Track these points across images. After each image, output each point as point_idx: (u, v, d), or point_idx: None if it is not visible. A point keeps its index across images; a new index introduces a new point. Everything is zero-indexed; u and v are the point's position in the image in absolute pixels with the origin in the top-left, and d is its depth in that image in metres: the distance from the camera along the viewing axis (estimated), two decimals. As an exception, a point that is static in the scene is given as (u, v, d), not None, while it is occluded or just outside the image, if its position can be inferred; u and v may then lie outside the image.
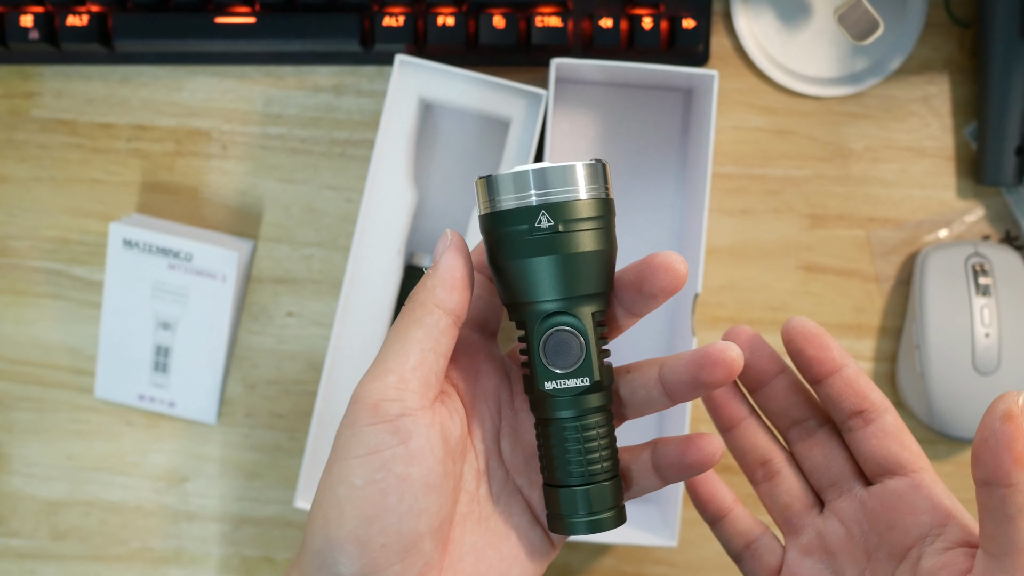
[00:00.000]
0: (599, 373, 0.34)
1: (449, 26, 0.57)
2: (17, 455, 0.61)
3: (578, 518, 0.34)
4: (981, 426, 0.32)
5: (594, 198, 0.34)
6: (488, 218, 0.34)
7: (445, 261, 0.34)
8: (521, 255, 0.33)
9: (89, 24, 0.57)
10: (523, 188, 0.33)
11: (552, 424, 0.34)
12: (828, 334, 0.38)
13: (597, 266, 0.34)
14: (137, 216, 0.60)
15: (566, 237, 0.33)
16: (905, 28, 0.60)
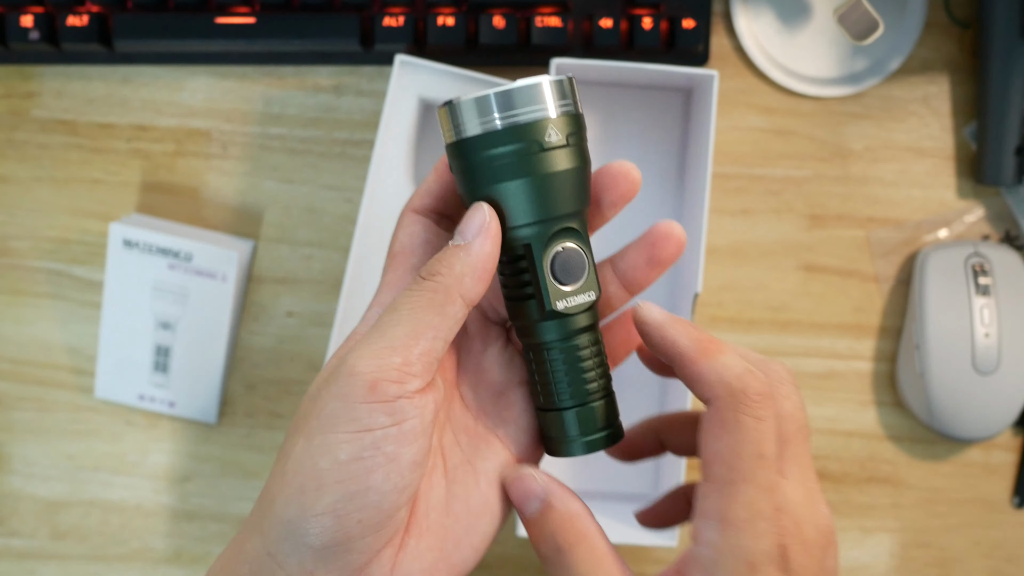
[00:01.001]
0: (599, 286, 0.34)
1: (449, 26, 0.57)
2: (17, 455, 0.61)
3: (591, 435, 0.34)
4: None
5: (574, 114, 0.33)
6: (481, 139, 0.32)
7: (480, 247, 0.32)
8: (527, 173, 0.32)
9: (89, 24, 0.57)
10: (530, 103, 0.32)
11: (559, 346, 0.34)
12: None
13: (585, 180, 0.34)
14: (137, 216, 0.60)
15: (570, 151, 0.33)
16: (905, 28, 0.60)
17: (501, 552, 0.61)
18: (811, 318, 0.61)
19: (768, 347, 0.61)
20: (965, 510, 0.61)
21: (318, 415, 0.31)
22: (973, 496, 0.61)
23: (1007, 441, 0.61)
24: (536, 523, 0.33)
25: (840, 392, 0.61)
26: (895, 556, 0.61)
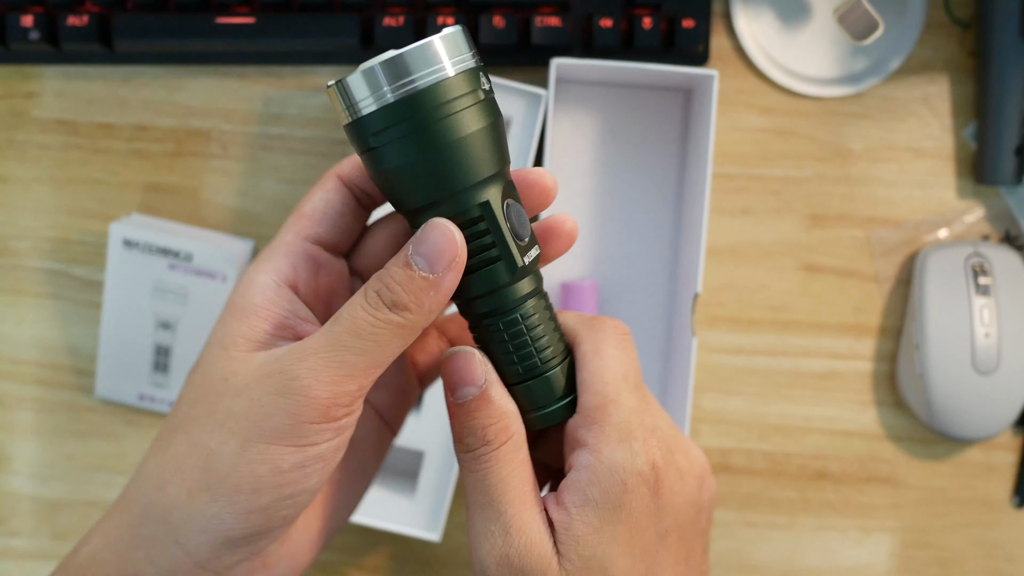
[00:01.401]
0: (522, 259, 0.32)
1: (449, 26, 0.56)
2: (17, 455, 0.61)
3: (549, 407, 0.33)
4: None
5: (475, 67, 0.31)
6: (413, 100, 0.29)
7: (451, 283, 0.30)
8: (470, 128, 0.29)
9: (89, 24, 0.57)
10: (426, 65, 0.29)
11: (534, 304, 0.32)
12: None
13: (503, 133, 0.32)
14: (137, 216, 0.60)
15: (492, 103, 0.31)
16: (905, 28, 0.60)
17: (501, 552, 0.61)
18: (811, 318, 0.61)
19: (768, 347, 0.61)
20: (965, 510, 0.61)
21: (258, 424, 0.29)
22: (973, 496, 0.61)
23: (1007, 441, 0.61)
24: (466, 410, 0.31)
25: (840, 392, 0.61)
26: (895, 556, 0.61)
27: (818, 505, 0.61)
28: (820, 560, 0.61)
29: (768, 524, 0.61)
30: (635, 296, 0.60)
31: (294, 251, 0.33)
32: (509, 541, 0.31)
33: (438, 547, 0.61)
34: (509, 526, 0.31)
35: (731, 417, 0.61)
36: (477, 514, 0.32)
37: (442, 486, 0.55)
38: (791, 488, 0.61)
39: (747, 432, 0.61)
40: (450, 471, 0.55)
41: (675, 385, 0.58)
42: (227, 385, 0.30)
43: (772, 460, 0.61)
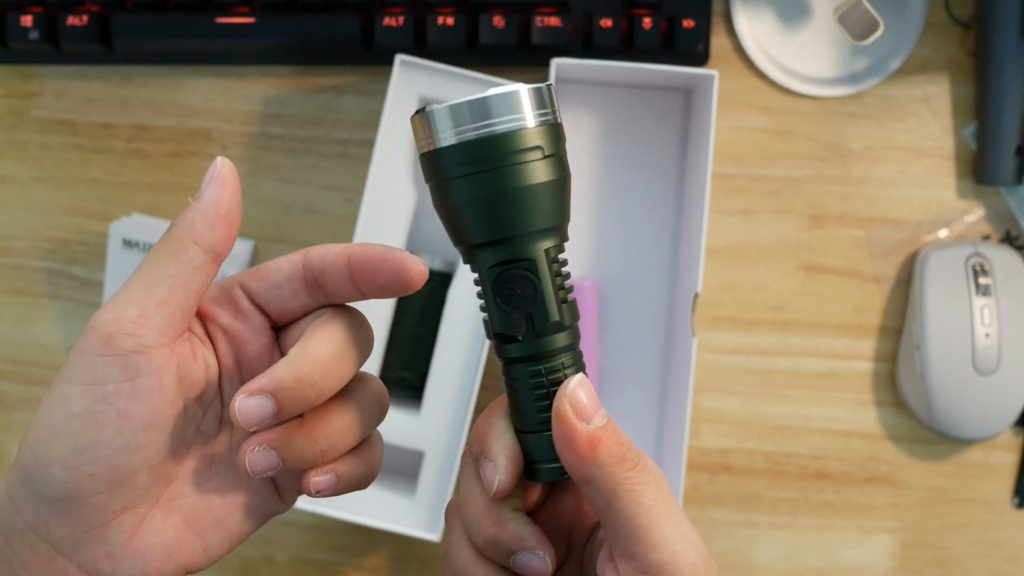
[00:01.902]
0: (558, 312, 0.32)
1: (449, 26, 0.57)
2: (17, 455, 0.61)
3: (547, 464, 0.33)
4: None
5: (553, 124, 0.32)
6: (490, 141, 0.30)
7: (209, 194, 0.32)
8: (537, 179, 0.31)
9: (89, 24, 0.57)
10: (507, 112, 0.30)
11: (554, 359, 0.33)
12: None
13: (565, 193, 0.32)
14: (138, 216, 0.60)
15: (563, 161, 0.32)
16: (905, 28, 0.60)
17: (501, 552, 0.61)
18: (811, 318, 0.61)
19: (768, 347, 0.61)
20: (965, 510, 0.61)
21: (62, 371, 0.31)
22: (973, 496, 0.61)
23: (1007, 441, 0.61)
24: (612, 432, 0.32)
25: (840, 392, 0.61)
26: (895, 556, 0.61)
27: (818, 505, 0.61)
28: (820, 560, 0.61)
29: (768, 524, 0.61)
30: (635, 296, 0.60)
31: (222, 286, 0.34)
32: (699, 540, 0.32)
33: (438, 547, 0.61)
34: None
35: (731, 417, 0.61)
36: (666, 521, 0.31)
37: (442, 486, 0.55)
38: (791, 488, 0.61)
39: (747, 432, 0.61)
40: (450, 471, 0.55)
41: (675, 385, 0.58)
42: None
43: (772, 460, 0.61)
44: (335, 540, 0.61)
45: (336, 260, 0.33)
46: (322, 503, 0.55)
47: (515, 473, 0.33)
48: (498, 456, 0.33)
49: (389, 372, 0.57)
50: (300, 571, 0.61)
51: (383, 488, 0.56)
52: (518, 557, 0.33)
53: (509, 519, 0.33)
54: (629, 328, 0.60)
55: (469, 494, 0.33)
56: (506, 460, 0.33)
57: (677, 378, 0.57)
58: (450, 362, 0.55)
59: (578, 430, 0.31)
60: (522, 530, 0.33)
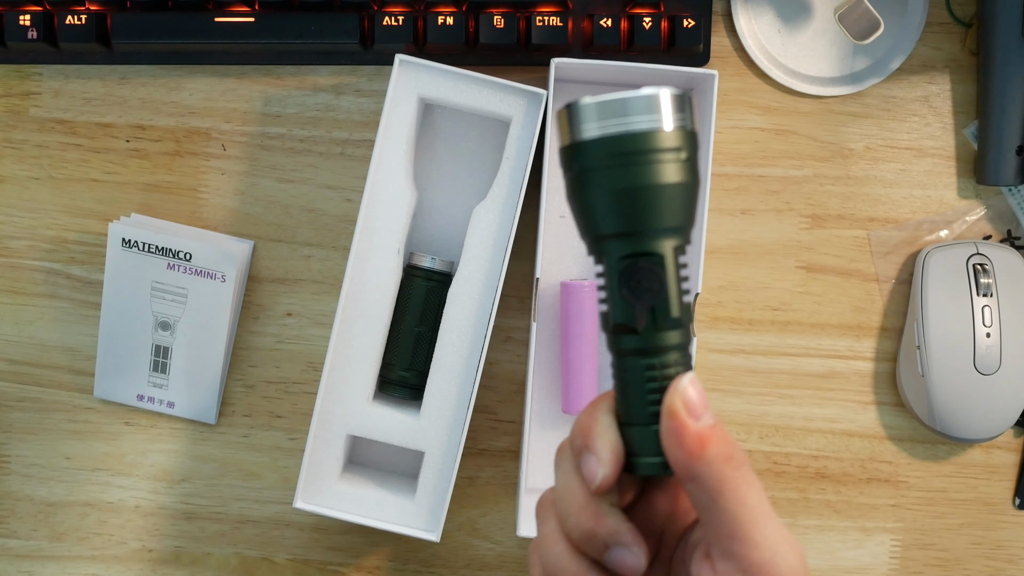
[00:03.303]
0: (679, 309, 0.33)
1: (449, 25, 0.56)
2: (15, 455, 0.61)
3: (650, 458, 0.33)
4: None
5: (692, 132, 0.33)
6: (629, 138, 0.32)
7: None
8: (668, 178, 0.32)
9: (88, 23, 0.57)
10: (646, 111, 0.32)
11: (667, 354, 0.34)
12: None
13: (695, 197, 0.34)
14: (137, 217, 0.60)
15: (694, 166, 0.33)
16: (906, 27, 0.60)
17: (502, 552, 0.61)
18: (811, 318, 0.61)
19: (768, 347, 0.60)
20: (966, 511, 0.61)
21: None
22: (974, 497, 0.61)
23: (1008, 441, 0.61)
24: (720, 432, 0.32)
25: (841, 392, 0.61)
26: (896, 557, 0.61)
27: (818, 505, 0.61)
28: (820, 560, 0.61)
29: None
30: (635, 296, 0.60)
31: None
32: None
33: (438, 547, 0.61)
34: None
35: (731, 417, 0.61)
36: (768, 522, 0.32)
37: (442, 486, 0.55)
38: (791, 488, 0.61)
39: (747, 432, 0.61)
40: (450, 472, 0.55)
41: (675, 385, 0.57)
42: None
43: (772, 460, 0.61)
44: (335, 540, 0.61)
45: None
46: (322, 503, 0.55)
47: (618, 468, 0.33)
48: (602, 450, 0.33)
49: (389, 372, 0.57)
50: (300, 571, 0.61)
51: (383, 488, 0.56)
52: (612, 552, 0.33)
53: (607, 513, 0.33)
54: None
55: (567, 487, 0.34)
56: (610, 454, 0.33)
57: (677, 378, 0.57)
58: (450, 362, 0.55)
59: (688, 426, 0.32)
60: (619, 525, 0.33)
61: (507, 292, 0.59)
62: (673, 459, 0.32)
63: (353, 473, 0.58)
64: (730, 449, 0.32)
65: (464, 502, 0.60)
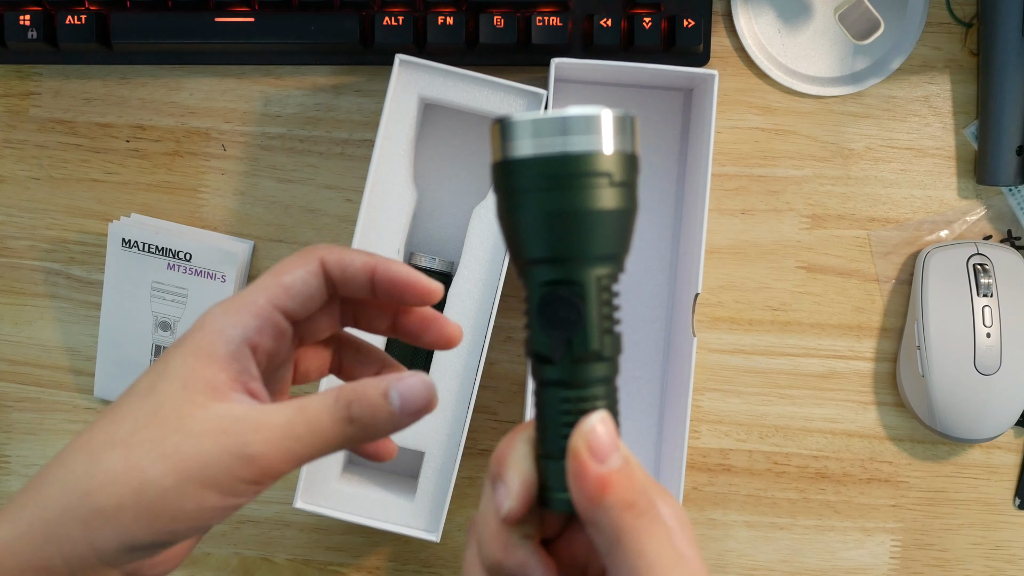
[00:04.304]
0: (599, 342, 0.31)
1: (449, 25, 0.56)
2: (15, 455, 0.61)
3: (561, 494, 0.32)
4: None
5: (633, 156, 0.31)
6: (561, 160, 0.30)
7: (403, 425, 0.35)
8: (603, 205, 0.30)
9: (87, 23, 0.57)
10: (607, 135, 0.30)
11: (590, 388, 0.32)
12: None
13: (630, 224, 0.32)
14: (137, 217, 0.60)
15: (632, 192, 0.31)
16: (906, 27, 0.59)
17: (501, 553, 0.60)
18: (811, 318, 0.60)
19: (768, 347, 0.60)
20: (966, 511, 0.61)
21: (201, 469, 0.33)
22: (974, 497, 0.61)
23: (1008, 442, 0.61)
24: (626, 475, 0.31)
25: (841, 392, 0.61)
26: (896, 557, 0.61)
27: (818, 505, 0.61)
28: (820, 561, 0.61)
29: (768, 525, 0.61)
30: (635, 296, 0.60)
31: (263, 316, 0.35)
32: None
33: (438, 547, 0.61)
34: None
35: (731, 417, 0.61)
36: (672, 572, 0.30)
37: (442, 487, 0.55)
38: (791, 488, 0.61)
39: (747, 432, 0.61)
40: (450, 472, 0.55)
41: (675, 385, 0.58)
42: (181, 425, 0.32)
43: (772, 460, 0.61)
44: (335, 540, 0.61)
45: (357, 273, 0.36)
46: (322, 503, 0.55)
47: (526, 500, 0.32)
48: (512, 481, 0.32)
49: (389, 372, 0.57)
50: (300, 571, 0.61)
51: (383, 488, 0.56)
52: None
53: (517, 545, 0.32)
54: (629, 328, 0.60)
55: (485, 515, 0.33)
56: (519, 486, 0.32)
57: (677, 378, 0.57)
58: (450, 362, 0.55)
59: (589, 469, 0.30)
60: (529, 559, 0.32)
61: (507, 292, 0.59)
62: (575, 501, 0.31)
63: (353, 473, 0.58)
64: (632, 495, 0.30)
65: (464, 502, 0.60)
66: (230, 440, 0.32)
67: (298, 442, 0.33)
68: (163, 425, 0.32)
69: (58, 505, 0.32)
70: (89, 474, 0.32)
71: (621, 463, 0.31)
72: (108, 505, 0.32)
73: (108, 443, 0.33)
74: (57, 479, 0.33)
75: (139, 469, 0.32)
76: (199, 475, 0.32)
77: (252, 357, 0.34)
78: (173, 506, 0.32)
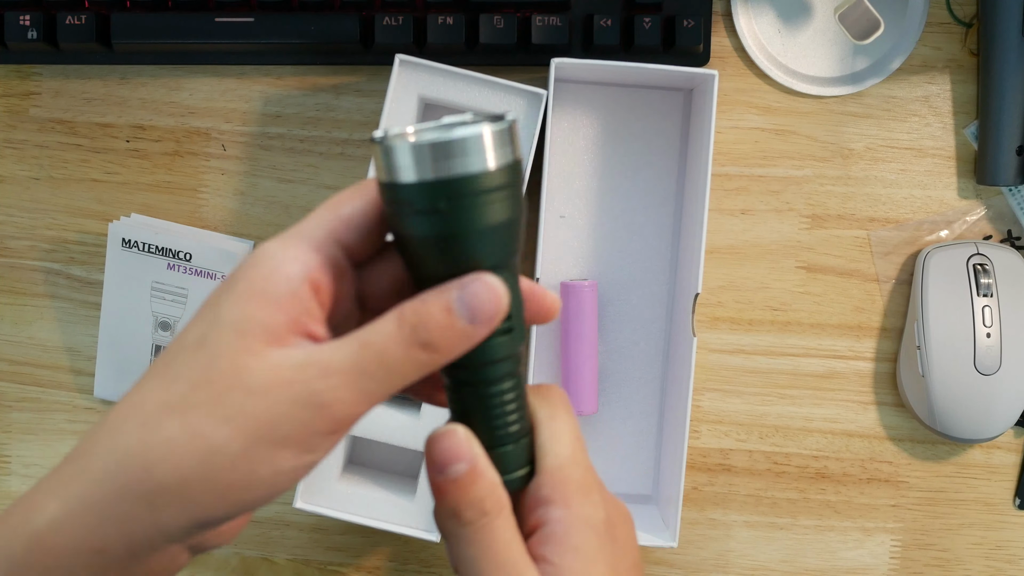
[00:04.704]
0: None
1: (449, 25, 0.56)
2: (15, 456, 0.61)
3: (528, 467, 0.34)
4: None
5: (513, 162, 0.31)
6: (449, 184, 0.30)
7: (479, 337, 0.31)
8: (496, 218, 0.30)
9: (88, 23, 0.57)
10: (469, 153, 0.30)
11: (510, 378, 0.33)
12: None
13: (519, 229, 0.32)
14: (137, 217, 0.60)
15: (519, 197, 0.31)
16: (906, 27, 0.59)
17: (501, 553, 0.60)
18: (811, 318, 0.60)
19: (768, 347, 0.60)
20: (966, 511, 0.61)
21: (270, 429, 0.30)
22: (974, 497, 0.61)
23: (1008, 442, 0.61)
24: (459, 485, 0.31)
25: (841, 392, 0.61)
26: (896, 557, 0.61)
27: (818, 505, 0.61)
28: (820, 561, 0.61)
29: (768, 525, 0.61)
30: (635, 296, 0.60)
31: (324, 251, 0.31)
32: None
33: (438, 547, 0.61)
34: None
35: (731, 417, 0.61)
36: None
37: (442, 487, 0.55)
38: (791, 488, 0.61)
39: (747, 432, 0.61)
40: (450, 472, 0.55)
41: (675, 385, 0.58)
42: (240, 379, 0.29)
43: (772, 460, 0.61)
44: (335, 540, 0.61)
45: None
46: (322, 503, 0.55)
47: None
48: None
49: (389, 372, 0.57)
50: (300, 571, 0.61)
51: (383, 488, 0.56)
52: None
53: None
54: (629, 328, 0.60)
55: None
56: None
57: (677, 378, 0.57)
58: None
59: (431, 478, 0.32)
60: None
61: (507, 292, 0.59)
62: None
63: (353, 473, 0.58)
64: (457, 506, 0.32)
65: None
66: (297, 390, 0.29)
67: (371, 380, 0.29)
68: (220, 381, 0.29)
69: (115, 481, 0.29)
70: (146, 445, 0.29)
71: (456, 474, 0.32)
72: (172, 480, 0.28)
73: (163, 407, 0.29)
74: (108, 451, 0.29)
75: (202, 436, 0.28)
76: (269, 434, 0.29)
77: (314, 298, 0.30)
78: (245, 474, 0.29)
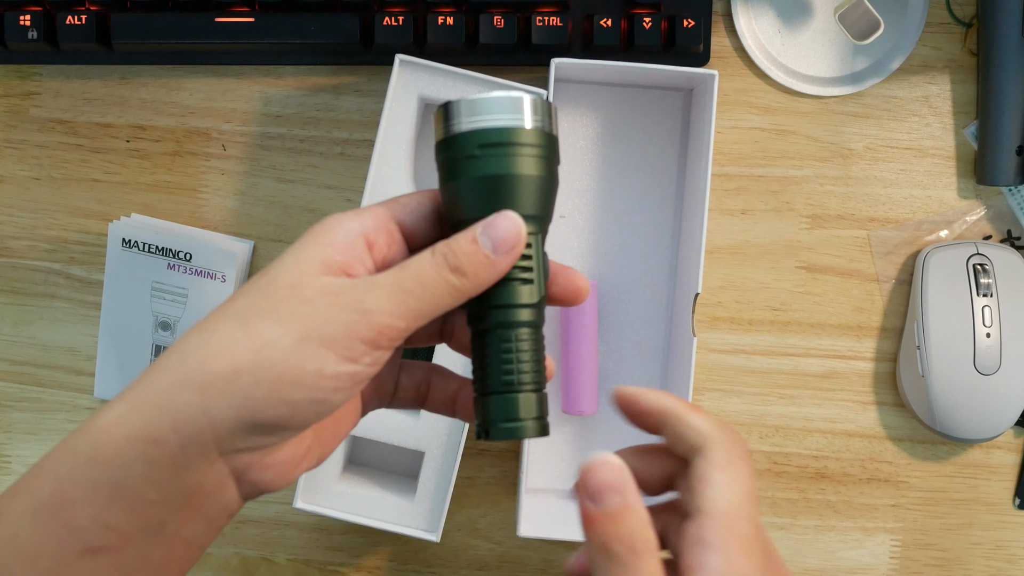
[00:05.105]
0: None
1: (449, 25, 0.56)
2: (15, 456, 0.61)
3: (504, 423, 0.35)
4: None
5: (551, 134, 0.36)
6: (489, 132, 0.35)
7: (504, 267, 0.35)
8: (532, 171, 0.35)
9: (88, 23, 0.57)
10: (528, 114, 0.35)
11: (536, 327, 0.36)
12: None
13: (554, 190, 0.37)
14: (137, 217, 0.60)
15: (553, 162, 0.36)
16: (906, 27, 0.60)
17: (502, 552, 0.60)
18: (811, 318, 0.61)
19: (768, 347, 0.60)
20: (966, 511, 0.61)
21: (318, 328, 0.32)
22: (974, 497, 0.61)
23: (1008, 441, 0.61)
24: (611, 519, 0.32)
25: (841, 392, 0.61)
26: (896, 557, 0.61)
27: (818, 505, 0.61)
28: (820, 560, 0.61)
29: (768, 524, 0.61)
30: (635, 296, 0.60)
31: (382, 220, 0.36)
32: None
33: (438, 547, 0.61)
34: None
35: (731, 417, 0.61)
36: None
37: (442, 487, 0.55)
38: (791, 488, 0.61)
39: (747, 432, 0.61)
40: (450, 472, 0.55)
41: (675, 385, 0.58)
42: (294, 291, 0.33)
43: (772, 460, 0.61)
44: (335, 540, 0.61)
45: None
46: (322, 503, 0.55)
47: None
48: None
49: (389, 372, 0.57)
50: (300, 571, 0.61)
51: (383, 488, 0.56)
52: None
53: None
54: (629, 328, 0.60)
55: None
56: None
57: (677, 378, 0.57)
58: (450, 362, 0.55)
59: (582, 505, 0.32)
60: None
61: (507, 292, 0.59)
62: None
63: (353, 473, 0.58)
64: (608, 541, 0.32)
65: (464, 502, 0.60)
66: (345, 299, 0.33)
67: (410, 295, 0.33)
68: (277, 294, 0.33)
69: (173, 374, 0.32)
70: (205, 343, 0.32)
71: (615, 508, 0.32)
72: (226, 369, 0.31)
73: (223, 316, 0.33)
74: (171, 355, 0.33)
75: (256, 333, 0.32)
76: (317, 334, 0.32)
77: (367, 252, 0.35)
78: (294, 368, 0.31)
